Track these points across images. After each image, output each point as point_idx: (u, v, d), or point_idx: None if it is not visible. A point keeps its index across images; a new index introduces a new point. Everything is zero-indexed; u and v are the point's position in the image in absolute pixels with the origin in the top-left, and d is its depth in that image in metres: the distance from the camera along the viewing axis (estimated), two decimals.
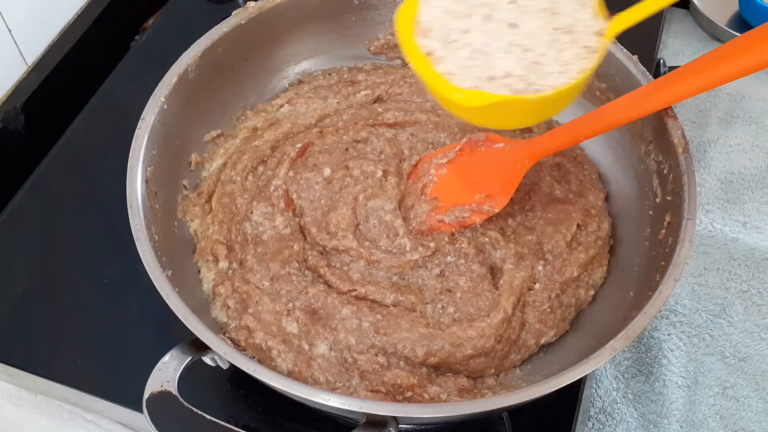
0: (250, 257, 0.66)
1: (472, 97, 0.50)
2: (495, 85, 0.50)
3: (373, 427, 0.51)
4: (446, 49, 0.52)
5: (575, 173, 0.73)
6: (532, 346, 0.65)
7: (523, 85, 0.50)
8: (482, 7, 0.52)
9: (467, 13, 0.53)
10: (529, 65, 0.51)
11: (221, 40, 0.71)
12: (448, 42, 0.52)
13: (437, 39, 0.52)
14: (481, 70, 0.51)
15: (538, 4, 0.53)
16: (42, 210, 0.78)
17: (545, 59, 0.51)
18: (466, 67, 0.51)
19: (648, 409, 0.72)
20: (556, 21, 0.52)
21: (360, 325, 0.61)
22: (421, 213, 0.69)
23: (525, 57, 0.51)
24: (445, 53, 0.51)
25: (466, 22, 0.52)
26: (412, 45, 0.52)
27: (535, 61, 0.51)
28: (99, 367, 0.68)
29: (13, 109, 0.85)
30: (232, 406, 0.66)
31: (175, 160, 0.70)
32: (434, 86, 0.51)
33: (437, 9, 0.53)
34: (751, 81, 0.96)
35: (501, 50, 0.51)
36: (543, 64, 0.51)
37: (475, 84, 0.50)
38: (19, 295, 0.72)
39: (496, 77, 0.50)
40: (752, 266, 0.80)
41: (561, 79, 0.51)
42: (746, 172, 0.88)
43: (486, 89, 0.50)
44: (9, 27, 0.83)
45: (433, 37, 0.52)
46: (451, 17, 0.52)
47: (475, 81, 0.50)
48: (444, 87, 0.51)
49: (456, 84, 0.50)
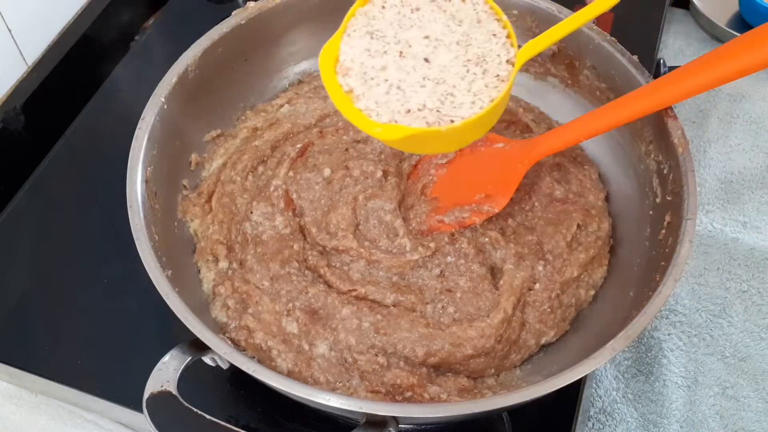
0: (250, 257, 0.66)
1: (388, 131, 0.52)
2: (411, 117, 0.52)
3: (373, 427, 0.51)
4: (365, 86, 0.54)
5: (575, 173, 0.73)
6: (532, 346, 0.65)
7: (436, 117, 0.53)
8: (397, 45, 0.55)
9: (383, 50, 0.55)
10: (442, 97, 0.53)
11: (221, 40, 0.71)
12: (366, 80, 0.54)
13: (356, 77, 0.54)
14: (398, 105, 0.53)
15: (452, 38, 0.56)
16: (42, 210, 0.78)
17: (457, 91, 0.54)
18: (383, 103, 0.53)
19: (648, 409, 0.72)
20: (468, 53, 0.55)
21: (360, 325, 0.61)
22: (420, 213, 0.69)
23: (438, 90, 0.54)
24: (364, 90, 0.54)
25: (382, 60, 0.55)
26: (333, 84, 0.54)
27: (449, 92, 0.54)
28: (99, 367, 0.68)
29: (13, 109, 0.85)
30: (232, 406, 0.66)
31: (175, 160, 0.70)
32: (354, 121, 0.53)
33: (356, 49, 0.55)
34: (751, 81, 0.96)
35: (416, 84, 0.54)
36: (455, 95, 0.54)
37: (391, 118, 0.53)
38: (19, 295, 0.72)
39: (412, 110, 0.53)
40: (752, 266, 0.80)
41: (472, 109, 0.53)
42: (746, 172, 0.88)
43: (402, 122, 0.52)
44: (9, 27, 0.83)
45: (352, 76, 0.54)
46: (369, 56, 0.55)
47: (392, 115, 0.53)
48: (363, 122, 0.53)
49: (374, 119, 0.53)
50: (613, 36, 0.71)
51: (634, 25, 0.91)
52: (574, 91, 0.77)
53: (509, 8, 0.75)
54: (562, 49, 0.75)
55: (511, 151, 0.67)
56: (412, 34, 0.55)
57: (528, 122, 0.76)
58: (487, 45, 0.56)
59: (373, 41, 0.55)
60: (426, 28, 0.56)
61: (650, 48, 0.90)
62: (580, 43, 0.73)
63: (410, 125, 0.52)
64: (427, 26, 0.56)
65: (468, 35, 0.56)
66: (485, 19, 0.57)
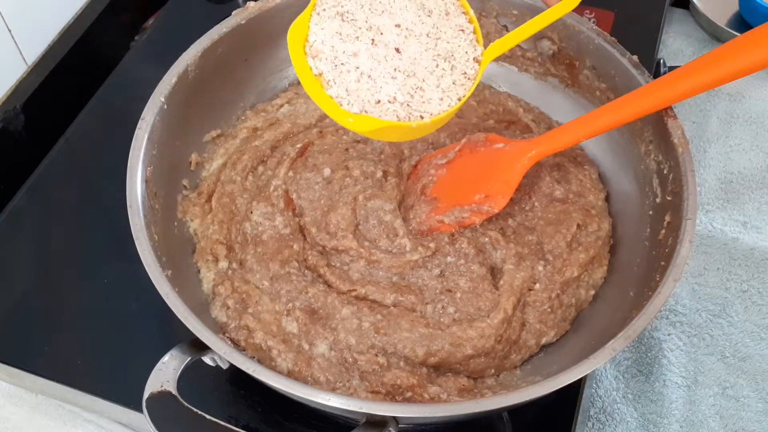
0: (250, 257, 0.66)
1: (360, 122, 0.53)
2: (381, 109, 0.53)
3: (373, 427, 0.51)
4: (335, 71, 0.54)
5: (575, 173, 0.73)
6: (532, 346, 0.65)
7: (406, 112, 0.54)
8: (369, 31, 0.54)
9: (355, 35, 0.54)
10: (412, 91, 0.54)
11: (221, 40, 0.71)
12: (337, 65, 0.54)
13: (327, 61, 0.54)
14: (368, 94, 0.53)
15: (422, 29, 0.56)
16: (42, 210, 0.78)
17: (426, 85, 0.55)
18: (354, 91, 0.53)
19: (648, 409, 0.72)
20: (438, 47, 0.56)
21: (360, 325, 0.61)
22: (420, 213, 0.69)
23: (408, 83, 0.54)
24: (335, 76, 0.53)
25: (354, 45, 0.54)
26: (304, 66, 0.54)
27: (418, 86, 0.55)
28: (99, 367, 0.68)
29: (13, 109, 0.85)
30: (232, 406, 0.66)
31: (175, 160, 0.70)
32: (326, 109, 0.54)
33: (326, 31, 0.54)
34: (751, 81, 0.96)
35: (387, 75, 0.54)
36: (425, 90, 0.55)
37: (362, 108, 0.53)
38: (19, 295, 0.72)
39: (382, 101, 0.54)
40: (752, 266, 0.80)
41: (441, 106, 0.55)
42: (746, 172, 0.88)
43: (373, 113, 0.53)
44: (9, 27, 0.83)
45: (323, 59, 0.54)
46: (340, 39, 0.54)
47: (362, 105, 0.53)
48: (335, 111, 0.54)
49: (345, 108, 0.53)
50: (613, 36, 0.71)
51: (634, 25, 0.91)
52: (574, 91, 0.77)
53: (509, 8, 0.75)
54: (562, 49, 0.75)
55: (511, 152, 0.67)
56: (384, 21, 0.55)
57: (528, 122, 0.76)
58: (456, 41, 0.57)
59: (344, 24, 0.54)
60: (397, 16, 0.55)
61: (650, 48, 0.90)
62: (580, 43, 0.73)
63: (381, 117, 0.53)
64: (398, 14, 0.55)
65: (437, 28, 0.56)
66: (453, 11, 0.57)
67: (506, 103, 0.79)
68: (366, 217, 0.68)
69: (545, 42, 0.76)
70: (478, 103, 0.79)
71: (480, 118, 0.78)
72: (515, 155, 0.66)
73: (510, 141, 0.69)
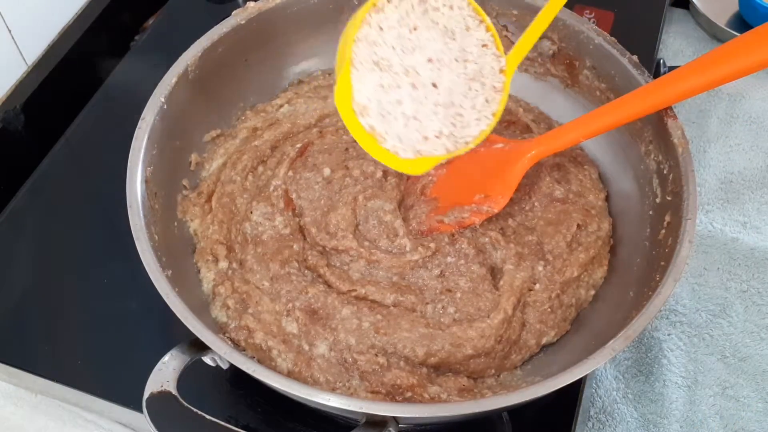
0: (250, 257, 0.66)
1: (419, 165, 0.56)
2: (430, 145, 0.56)
3: (373, 427, 0.51)
4: (384, 122, 0.55)
5: (575, 173, 0.73)
6: (532, 347, 0.65)
7: (452, 142, 0.57)
8: (407, 76, 0.55)
9: (396, 84, 0.55)
10: (453, 119, 0.57)
11: (221, 40, 0.71)
12: (384, 115, 0.55)
13: (375, 115, 0.55)
14: (417, 135, 0.56)
15: (451, 55, 0.57)
16: (42, 210, 0.78)
17: (463, 110, 0.57)
18: (404, 137, 0.55)
19: (648, 409, 0.72)
20: (467, 69, 0.57)
21: (360, 325, 0.61)
22: (420, 213, 0.69)
23: (449, 113, 0.56)
24: (385, 127, 0.55)
25: (397, 94, 0.55)
26: (356, 125, 0.55)
27: (458, 113, 0.57)
28: (99, 367, 0.68)
29: (13, 109, 0.85)
30: (232, 406, 0.66)
31: (175, 160, 0.70)
32: (384, 161, 0.56)
33: (368, 85, 0.55)
34: (751, 81, 0.96)
35: (430, 112, 0.56)
36: (463, 115, 0.57)
37: (414, 149, 0.55)
38: (19, 295, 0.72)
39: (429, 137, 0.56)
40: (752, 266, 0.80)
41: (479, 126, 0.58)
42: (746, 172, 0.88)
43: (424, 151, 0.56)
44: (9, 27, 0.83)
45: (371, 115, 0.55)
46: (383, 91, 0.55)
47: (414, 146, 0.55)
48: (394, 162, 0.56)
49: (402, 156, 0.55)
50: (613, 36, 0.71)
51: (634, 25, 0.91)
52: (574, 91, 0.77)
53: (509, 8, 0.75)
54: (562, 49, 0.75)
55: (511, 152, 0.67)
56: (417, 59, 0.56)
57: (528, 122, 0.76)
58: (482, 58, 0.58)
59: (383, 74, 0.55)
60: (427, 49, 0.56)
61: (650, 48, 0.90)
62: (580, 43, 0.73)
63: (432, 154, 0.56)
64: (427, 46, 0.56)
65: (464, 49, 0.57)
66: (472, 25, 0.58)
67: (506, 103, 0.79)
68: (366, 217, 0.68)
69: (545, 42, 0.76)
70: None
71: None
72: (515, 155, 0.66)
73: (510, 141, 0.69)
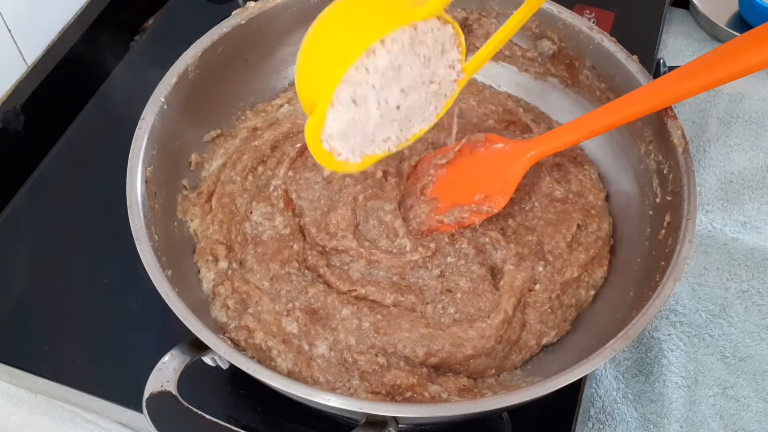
0: (250, 257, 0.66)
1: (363, 165, 0.58)
2: (375, 147, 0.57)
3: (373, 427, 0.51)
4: (344, 141, 0.55)
5: (575, 173, 0.73)
6: (533, 347, 0.65)
7: (396, 144, 0.58)
8: (378, 109, 0.55)
9: (367, 116, 0.54)
10: (404, 127, 0.58)
11: (221, 40, 0.71)
12: (347, 138, 0.55)
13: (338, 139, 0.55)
14: (367, 142, 0.57)
15: (422, 80, 0.56)
16: (42, 210, 0.78)
17: (414, 119, 0.58)
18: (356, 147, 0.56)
19: (648, 409, 0.72)
20: (430, 87, 0.57)
21: (360, 325, 0.61)
22: (420, 213, 0.69)
23: (402, 123, 0.58)
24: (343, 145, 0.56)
25: (365, 124, 0.55)
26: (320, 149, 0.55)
27: (409, 121, 0.58)
28: (99, 367, 0.68)
29: (13, 109, 0.85)
30: (232, 406, 0.66)
31: (175, 160, 0.70)
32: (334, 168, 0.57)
33: (341, 122, 0.54)
34: (751, 81, 0.96)
35: (387, 127, 0.57)
36: (412, 121, 0.58)
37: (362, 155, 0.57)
38: (19, 295, 0.72)
39: (377, 141, 0.57)
40: (752, 266, 0.81)
41: (422, 125, 0.59)
42: (746, 172, 0.88)
43: (368, 152, 0.57)
44: (9, 27, 0.83)
45: (335, 139, 0.55)
46: (354, 125, 0.55)
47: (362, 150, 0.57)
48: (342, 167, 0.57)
49: (351, 162, 0.57)
50: (613, 36, 0.71)
51: (634, 25, 0.91)
52: (574, 91, 0.77)
53: (509, 8, 0.75)
54: (562, 49, 0.75)
55: (511, 152, 0.67)
56: (392, 91, 0.55)
57: (528, 122, 0.76)
58: (446, 76, 0.58)
59: (359, 109, 0.54)
60: (403, 82, 0.54)
61: (650, 48, 0.90)
62: (580, 43, 0.73)
63: (375, 153, 0.58)
64: (404, 79, 0.54)
65: (434, 73, 0.57)
66: (447, 44, 0.56)
67: (506, 103, 0.79)
68: (366, 217, 0.68)
69: (545, 42, 0.76)
70: (478, 103, 0.79)
71: (480, 118, 0.78)
72: (515, 155, 0.66)
73: (510, 141, 0.69)
